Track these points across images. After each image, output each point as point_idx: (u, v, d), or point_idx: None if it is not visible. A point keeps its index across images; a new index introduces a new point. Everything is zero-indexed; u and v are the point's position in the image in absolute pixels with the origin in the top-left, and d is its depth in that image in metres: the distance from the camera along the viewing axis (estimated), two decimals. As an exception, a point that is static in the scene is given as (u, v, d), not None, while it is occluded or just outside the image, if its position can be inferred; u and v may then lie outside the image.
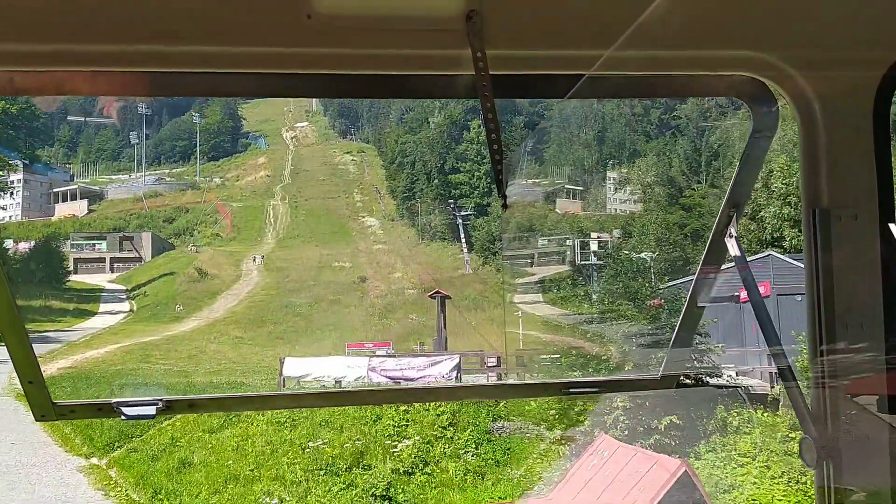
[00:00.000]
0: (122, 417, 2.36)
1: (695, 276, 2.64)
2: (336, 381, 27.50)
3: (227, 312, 60.57)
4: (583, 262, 56.00)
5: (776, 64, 2.22)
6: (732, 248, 2.47)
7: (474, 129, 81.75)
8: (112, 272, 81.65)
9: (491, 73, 1.94)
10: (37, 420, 2.42)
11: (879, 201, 2.30)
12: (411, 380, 27.42)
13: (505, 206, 2.19)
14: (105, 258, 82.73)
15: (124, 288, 73.55)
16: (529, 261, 62.26)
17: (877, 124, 2.30)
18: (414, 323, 53.98)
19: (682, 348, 2.76)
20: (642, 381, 2.82)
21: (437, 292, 37.55)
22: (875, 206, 2.30)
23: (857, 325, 2.28)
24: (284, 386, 27.88)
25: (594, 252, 56.71)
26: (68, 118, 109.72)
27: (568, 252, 58.84)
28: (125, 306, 66.72)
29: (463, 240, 75.31)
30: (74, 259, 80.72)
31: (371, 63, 2.04)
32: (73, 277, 75.75)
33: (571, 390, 2.68)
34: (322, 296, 63.52)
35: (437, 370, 27.27)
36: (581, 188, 73.11)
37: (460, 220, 76.42)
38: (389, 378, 27.46)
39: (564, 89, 2.19)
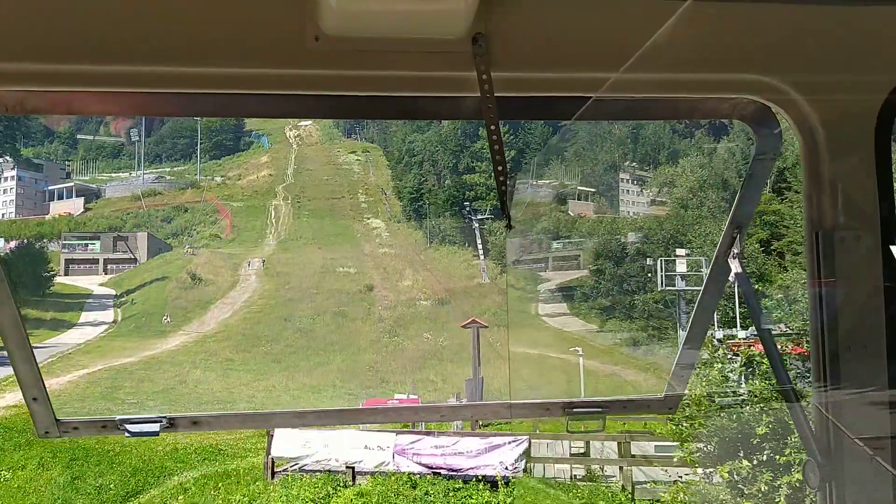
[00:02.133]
0: (126, 434, 2.25)
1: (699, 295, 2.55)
2: (348, 467, 17.65)
3: (220, 326, 51.00)
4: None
5: (779, 87, 2.15)
6: (736, 268, 2.39)
7: (491, 125, 72.32)
8: (105, 274, 73.96)
9: (496, 95, 1.88)
10: (40, 437, 2.28)
11: (882, 224, 2.21)
12: (457, 470, 17.62)
13: (509, 227, 2.06)
14: (98, 259, 76.64)
15: (112, 294, 63.86)
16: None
17: (878, 147, 2.22)
18: (430, 343, 44.18)
19: (685, 369, 2.61)
20: (645, 401, 2.71)
21: (473, 321, 28.08)
22: (878, 228, 2.21)
23: (860, 347, 2.19)
24: (273, 478, 17.96)
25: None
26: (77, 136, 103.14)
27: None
28: (108, 316, 56.88)
29: (479, 245, 66.00)
30: (65, 260, 74.01)
31: (378, 85, 1.98)
32: (57, 281, 66.50)
33: (575, 410, 2.56)
34: (325, 307, 53.97)
35: (496, 459, 17.55)
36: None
37: (476, 224, 66.78)
38: (426, 466, 17.69)
39: (570, 112, 2.14)
